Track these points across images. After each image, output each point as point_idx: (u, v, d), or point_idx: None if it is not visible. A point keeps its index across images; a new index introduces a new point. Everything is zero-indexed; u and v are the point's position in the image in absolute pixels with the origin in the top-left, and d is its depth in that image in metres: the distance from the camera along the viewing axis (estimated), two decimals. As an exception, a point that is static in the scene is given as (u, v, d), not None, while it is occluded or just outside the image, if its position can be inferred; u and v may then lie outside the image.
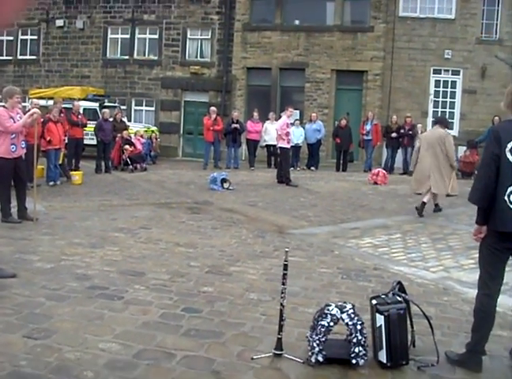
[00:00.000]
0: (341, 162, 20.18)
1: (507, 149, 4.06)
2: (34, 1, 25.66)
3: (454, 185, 11.26)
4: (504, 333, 5.06)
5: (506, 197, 4.07)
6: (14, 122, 8.89)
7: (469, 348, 4.32)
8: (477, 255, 4.47)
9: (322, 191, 14.58)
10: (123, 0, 25.92)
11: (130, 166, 18.41)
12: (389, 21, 22.96)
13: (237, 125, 20.06)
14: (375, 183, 16.08)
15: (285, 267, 4.46)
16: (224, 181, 14.26)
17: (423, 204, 11.11)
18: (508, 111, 4.36)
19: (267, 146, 20.40)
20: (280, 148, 15.93)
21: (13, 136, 8.95)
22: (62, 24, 26.67)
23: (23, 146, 9.31)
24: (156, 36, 25.74)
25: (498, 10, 22.68)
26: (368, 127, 20.29)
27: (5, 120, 8.77)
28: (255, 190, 14.45)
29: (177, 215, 10.57)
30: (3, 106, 9.10)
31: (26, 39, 27.58)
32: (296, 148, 19.90)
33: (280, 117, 18.23)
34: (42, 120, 12.72)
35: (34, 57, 27.43)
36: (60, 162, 15.07)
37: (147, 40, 26.16)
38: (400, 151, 19.87)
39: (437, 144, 10.96)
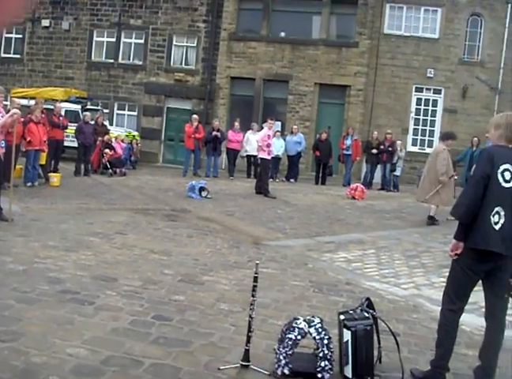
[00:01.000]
0: (321, 175, 20.28)
1: (499, 171, 4.17)
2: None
3: (444, 198, 11.68)
4: (470, 352, 5.12)
5: (491, 217, 4.17)
6: None
7: (433, 364, 4.38)
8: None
9: (300, 204, 14.65)
10: (110, 3, 25.88)
11: (110, 171, 18.35)
12: (373, 38, 23.23)
13: (217, 133, 20.08)
14: (353, 198, 16.18)
15: (255, 279, 4.49)
16: (202, 189, 14.27)
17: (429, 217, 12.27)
18: (501, 141, 4.43)
19: (248, 156, 20.46)
20: (261, 158, 15.99)
21: None
22: (47, 25, 26.54)
23: (2, 145, 9.27)
24: (142, 41, 25.73)
25: (480, 33, 23.11)
26: (348, 142, 20.43)
27: None
28: (233, 200, 14.49)
29: (153, 222, 10.57)
30: None
31: (11, 38, 27.32)
32: (276, 159, 19.99)
33: (262, 128, 18.33)
34: (23, 120, 12.68)
35: (18, 56, 27.23)
36: (43, 162, 15.02)
37: (132, 45, 26.12)
38: (379, 167, 20.03)
39: (431, 158, 12.00)
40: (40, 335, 4.73)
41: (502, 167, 4.18)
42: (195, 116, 20.69)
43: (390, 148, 19.62)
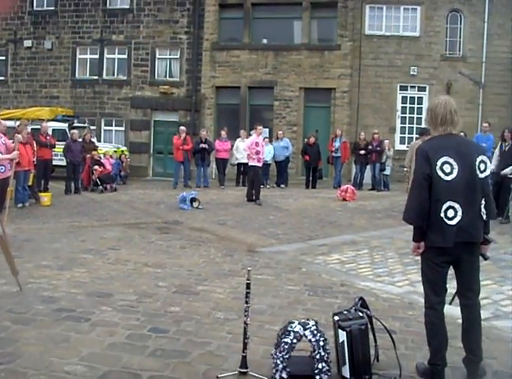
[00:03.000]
0: (311, 179, 20.31)
1: (437, 167, 4.16)
2: None
3: None
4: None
5: (442, 214, 4.19)
6: (0, 145, 9.08)
7: (428, 361, 4.41)
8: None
9: (291, 208, 14.68)
10: (91, 20, 25.97)
11: (100, 187, 18.35)
12: (355, 39, 23.35)
13: (205, 145, 20.11)
14: (344, 199, 16.20)
15: (248, 285, 4.51)
16: (193, 200, 14.29)
17: None
18: (431, 128, 4.48)
19: (238, 164, 20.48)
20: (252, 166, 15.93)
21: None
22: (30, 45, 26.60)
23: (2, 171, 9.29)
24: (125, 56, 25.80)
25: (460, 28, 23.30)
26: (337, 144, 20.50)
27: None
28: (225, 209, 14.50)
29: (146, 236, 10.57)
30: None
31: (-6, 60, 27.44)
32: (265, 165, 20.03)
33: (250, 135, 18.35)
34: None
35: (2, 78, 27.26)
36: (30, 183, 15.01)
37: (116, 60, 26.21)
38: (368, 167, 20.09)
39: (412, 154, 12.02)
40: (37, 354, 4.73)
41: (439, 162, 4.17)
42: (182, 128, 20.74)
43: (378, 148, 19.70)
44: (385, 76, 23.47)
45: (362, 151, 19.89)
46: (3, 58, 27.17)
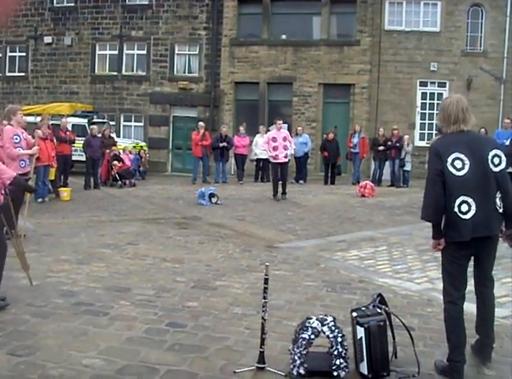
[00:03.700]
0: (329, 175, 20.22)
1: (448, 163, 4.20)
2: None
3: None
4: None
5: (456, 209, 4.21)
6: (21, 140, 9.07)
7: (447, 358, 4.38)
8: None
9: (310, 204, 14.64)
10: (111, 16, 26.07)
11: (119, 182, 18.44)
12: (375, 35, 23.21)
13: (225, 144, 20.09)
14: (363, 196, 16.13)
15: (266, 281, 4.50)
16: (212, 195, 14.28)
17: None
18: (444, 126, 4.50)
19: (257, 160, 20.47)
20: (269, 162, 15.76)
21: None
22: (50, 41, 26.75)
23: (22, 166, 9.33)
24: (144, 52, 25.86)
25: (481, 23, 23.03)
26: (355, 140, 20.39)
27: (10, 141, 8.87)
28: (243, 205, 14.50)
29: (164, 231, 10.60)
30: (10, 125, 9.17)
31: (14, 56, 27.65)
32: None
33: (269, 130, 18.28)
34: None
35: (22, 74, 27.48)
36: (53, 178, 15.11)
37: (135, 56, 26.29)
38: (387, 163, 19.96)
39: None
40: (56, 347, 4.76)
41: (450, 158, 4.21)
42: (201, 123, 20.75)
43: (398, 144, 19.56)
44: (404, 72, 23.30)
45: (381, 147, 19.77)
46: (24, 54, 27.40)
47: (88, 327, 5.28)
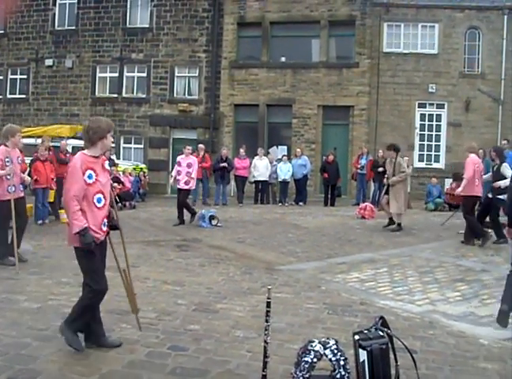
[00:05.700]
0: (329, 196, 20.25)
1: None
2: None
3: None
4: (489, 365, 5.09)
5: None
6: (12, 164, 8.89)
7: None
8: (463, 288, 4.57)
9: (310, 226, 14.64)
10: (111, 39, 26.28)
11: (119, 204, 18.43)
12: (373, 57, 23.40)
13: (225, 164, 20.14)
14: (363, 217, 16.15)
15: (268, 304, 4.49)
16: (212, 218, 14.30)
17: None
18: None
19: (256, 182, 20.51)
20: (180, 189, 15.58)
21: (9, 177, 8.84)
22: (51, 64, 26.95)
23: (21, 189, 9.33)
24: (145, 74, 26.03)
25: (478, 45, 23.27)
26: (363, 161, 20.46)
27: None
28: (243, 227, 14.50)
29: (165, 253, 10.59)
30: (4, 145, 8.99)
31: (15, 79, 27.81)
32: (284, 183, 20.13)
33: (268, 153, 18.33)
34: (31, 159, 12.78)
35: (23, 96, 27.63)
36: (52, 200, 15.10)
37: (135, 78, 26.46)
38: (387, 185, 19.94)
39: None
40: (57, 371, 4.75)
41: None
42: (201, 145, 20.82)
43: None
44: (403, 94, 23.47)
45: (380, 169, 19.77)
46: (25, 76, 27.58)
47: (90, 350, 5.26)
